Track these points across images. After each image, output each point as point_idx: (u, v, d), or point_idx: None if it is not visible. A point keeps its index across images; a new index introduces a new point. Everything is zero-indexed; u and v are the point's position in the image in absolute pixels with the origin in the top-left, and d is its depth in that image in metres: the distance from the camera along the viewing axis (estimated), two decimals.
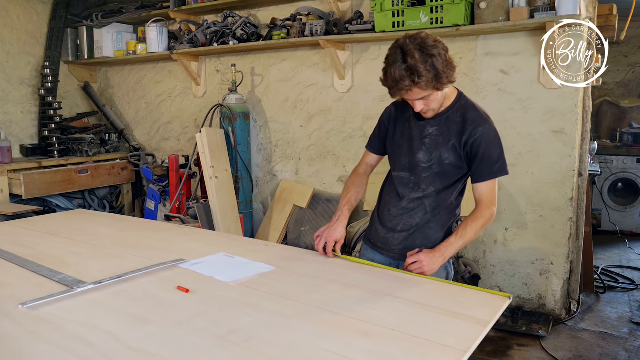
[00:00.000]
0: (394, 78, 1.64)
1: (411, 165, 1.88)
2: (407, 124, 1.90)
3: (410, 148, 1.88)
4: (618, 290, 3.89)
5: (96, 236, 2.20)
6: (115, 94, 5.28)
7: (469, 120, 1.80)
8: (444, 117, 1.83)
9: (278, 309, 1.40)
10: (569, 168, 3.18)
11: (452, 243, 1.79)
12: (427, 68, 1.62)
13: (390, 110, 1.98)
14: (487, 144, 1.78)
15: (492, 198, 1.81)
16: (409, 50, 1.63)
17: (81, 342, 1.21)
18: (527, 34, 3.19)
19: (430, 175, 1.85)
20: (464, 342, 1.21)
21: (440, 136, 1.82)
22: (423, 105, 1.74)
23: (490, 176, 1.80)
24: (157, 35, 4.44)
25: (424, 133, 1.84)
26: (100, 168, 4.62)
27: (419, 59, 1.61)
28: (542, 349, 2.95)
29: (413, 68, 1.61)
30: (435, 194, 1.88)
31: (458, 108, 1.83)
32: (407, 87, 1.64)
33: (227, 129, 4.04)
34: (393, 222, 1.95)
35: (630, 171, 5.48)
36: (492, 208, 1.82)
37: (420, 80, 1.62)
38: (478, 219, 1.80)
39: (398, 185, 1.94)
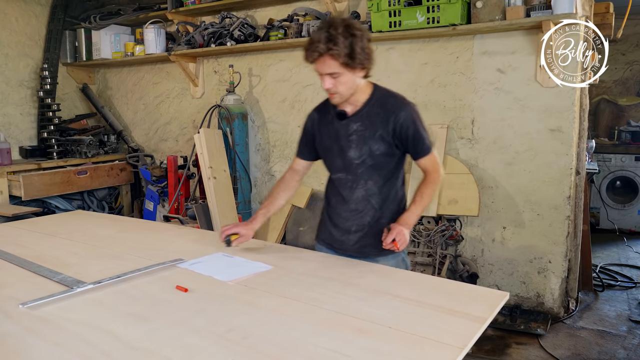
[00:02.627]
0: (313, 40, 1.70)
1: (345, 164, 1.92)
2: (330, 126, 1.93)
3: (340, 148, 1.91)
4: (616, 288, 3.90)
5: (95, 237, 2.21)
6: (113, 96, 5.29)
7: (390, 108, 1.85)
8: (365, 112, 1.87)
9: (276, 307, 1.41)
10: (566, 166, 3.19)
11: (413, 212, 1.87)
12: (345, 43, 1.68)
13: (313, 116, 2.01)
14: (414, 124, 1.86)
15: (436, 165, 1.92)
16: (335, 24, 1.71)
17: (81, 341, 1.22)
18: (524, 32, 3.20)
19: (365, 169, 1.90)
20: (460, 339, 1.22)
21: (365, 130, 1.86)
22: (331, 84, 1.76)
23: (428, 150, 1.90)
24: (154, 36, 4.45)
25: (349, 131, 1.88)
26: (99, 169, 4.63)
27: (340, 33, 1.68)
28: (541, 347, 2.96)
29: (332, 37, 1.67)
30: (378, 190, 1.92)
31: (376, 100, 1.88)
32: (321, 50, 1.68)
33: (225, 129, 4.05)
34: (346, 224, 1.97)
35: (629, 169, 5.49)
36: (439, 171, 1.92)
37: (335, 48, 1.67)
38: (429, 184, 1.91)
39: (339, 188, 1.97)
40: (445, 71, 3.49)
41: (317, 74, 1.80)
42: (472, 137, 3.44)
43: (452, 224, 3.43)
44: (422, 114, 3.67)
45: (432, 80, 3.54)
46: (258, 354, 1.15)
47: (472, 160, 3.45)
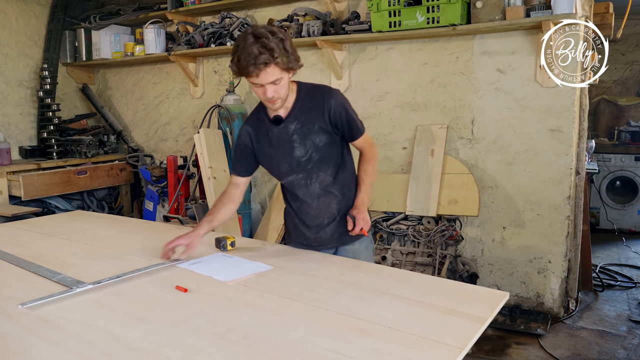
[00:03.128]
0: (252, 54, 1.67)
1: (292, 165, 1.94)
2: (269, 134, 1.95)
3: (284, 151, 1.93)
4: (616, 288, 3.90)
5: (95, 237, 2.21)
6: (113, 96, 5.29)
7: (320, 99, 1.90)
8: (297, 109, 1.91)
9: (276, 308, 1.41)
10: (566, 166, 3.19)
11: (364, 191, 1.95)
12: (281, 48, 1.71)
13: (248, 131, 2.00)
14: (346, 110, 1.93)
15: (370, 141, 2.04)
16: (260, 34, 1.70)
17: (81, 341, 1.22)
18: (524, 32, 3.20)
19: (314, 164, 1.94)
20: (460, 340, 1.22)
21: (303, 126, 1.90)
22: (274, 91, 1.77)
23: (362, 131, 1.99)
24: (154, 36, 4.45)
25: (289, 132, 1.91)
26: (99, 169, 4.62)
27: (272, 40, 1.69)
28: (541, 348, 2.96)
29: (269, 47, 1.68)
30: (332, 179, 1.96)
31: (304, 96, 1.92)
32: (264, 62, 1.68)
33: (225, 129, 4.04)
34: (317, 221, 2.01)
35: (628, 169, 5.49)
36: (374, 146, 2.05)
37: (277, 58, 1.70)
38: (370, 160, 2.01)
39: (295, 190, 2.00)
40: (445, 71, 3.48)
41: (253, 86, 1.79)
42: (472, 137, 3.44)
43: (452, 224, 3.43)
44: (422, 114, 3.70)
45: (432, 81, 3.54)
46: (258, 354, 1.15)
47: (472, 160, 3.45)
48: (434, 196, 3.42)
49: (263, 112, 1.96)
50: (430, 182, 3.46)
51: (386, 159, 3.73)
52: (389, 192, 3.65)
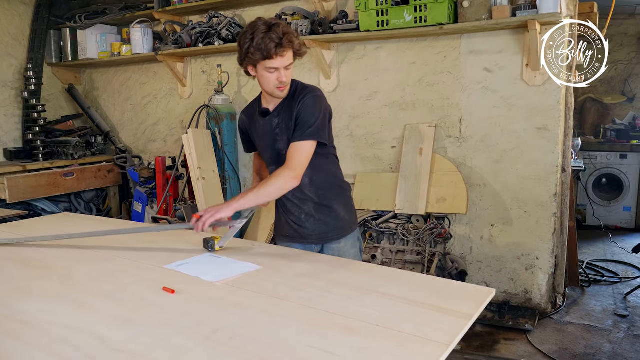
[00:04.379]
0: (276, 36, 1.76)
1: (273, 157, 2.02)
2: (257, 124, 2.04)
3: (267, 142, 2.02)
4: (603, 283, 3.95)
5: (81, 239, 2.19)
6: (100, 96, 5.24)
7: (297, 97, 1.93)
8: (283, 106, 1.97)
9: (264, 307, 1.41)
10: (552, 164, 3.22)
11: (244, 195, 1.87)
12: (294, 34, 1.83)
13: (242, 119, 2.13)
14: (306, 109, 1.89)
15: (295, 161, 1.86)
16: (272, 22, 1.82)
17: (66, 345, 1.21)
18: (510, 32, 3.23)
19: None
20: (447, 336, 1.22)
21: (283, 122, 1.96)
22: (285, 76, 1.86)
23: (300, 138, 1.87)
24: (141, 36, 4.42)
25: (273, 125, 1.98)
26: (86, 171, 4.58)
27: (287, 27, 1.82)
28: (529, 343, 2.99)
29: (286, 31, 1.80)
30: (308, 179, 1.97)
31: (292, 94, 1.96)
32: (289, 41, 1.79)
33: (214, 129, 4.03)
34: (295, 215, 2.05)
35: (614, 167, 5.56)
36: (291, 171, 1.85)
37: (295, 41, 1.82)
38: (274, 177, 1.87)
39: None
40: (433, 70, 3.50)
41: (265, 72, 1.85)
42: (460, 135, 3.46)
43: (441, 222, 3.45)
44: (411, 113, 3.71)
45: (420, 80, 3.55)
46: (245, 354, 1.15)
47: (460, 158, 3.47)
48: (423, 195, 3.44)
49: (257, 104, 2.06)
50: (419, 181, 3.47)
51: (375, 158, 3.74)
52: (378, 191, 3.66)
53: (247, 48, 1.80)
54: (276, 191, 1.88)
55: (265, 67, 1.82)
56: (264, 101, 2.02)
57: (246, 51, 1.81)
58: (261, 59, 1.80)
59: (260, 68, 1.84)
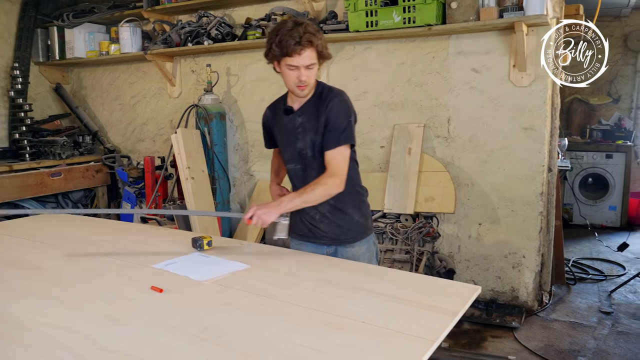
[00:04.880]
0: (297, 34, 1.80)
1: (293, 155, 2.04)
2: (281, 121, 2.07)
3: (289, 140, 2.04)
4: (588, 281, 4.00)
5: (69, 238, 2.19)
6: (88, 95, 5.21)
7: (324, 100, 1.96)
8: (308, 106, 1.99)
9: (252, 306, 1.42)
10: (538, 164, 3.26)
11: (291, 198, 1.90)
12: (320, 36, 1.88)
13: (267, 113, 2.16)
14: (336, 114, 1.92)
15: (337, 166, 1.91)
16: (301, 21, 1.87)
17: (56, 346, 1.21)
18: (497, 33, 3.26)
19: (310, 159, 2.00)
20: (433, 332, 1.24)
21: (307, 122, 1.98)
22: (305, 76, 1.88)
23: (337, 144, 1.92)
24: (130, 35, 4.40)
25: (296, 124, 2.00)
26: (74, 171, 4.55)
27: (312, 27, 1.86)
28: (515, 340, 3.03)
29: (311, 31, 1.84)
30: None
31: (318, 95, 1.99)
32: (308, 40, 1.81)
33: (203, 129, 4.03)
34: (311, 214, 2.06)
35: (600, 166, 5.63)
36: (336, 177, 1.90)
37: (318, 42, 1.85)
38: (318, 184, 1.89)
39: (293, 178, 2.10)
40: (422, 71, 3.53)
41: (286, 69, 1.88)
42: (448, 135, 3.49)
43: (429, 221, 3.48)
44: (400, 112, 3.74)
45: (409, 80, 3.58)
46: (233, 352, 1.16)
47: (448, 158, 3.50)
48: (412, 194, 3.46)
49: (282, 101, 2.09)
50: (407, 180, 3.50)
51: (364, 157, 3.76)
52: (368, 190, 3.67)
53: (271, 43, 1.87)
54: (321, 198, 1.92)
55: (286, 64, 1.87)
56: (289, 99, 2.06)
57: (269, 46, 1.88)
58: (281, 56, 1.86)
59: (282, 65, 1.88)
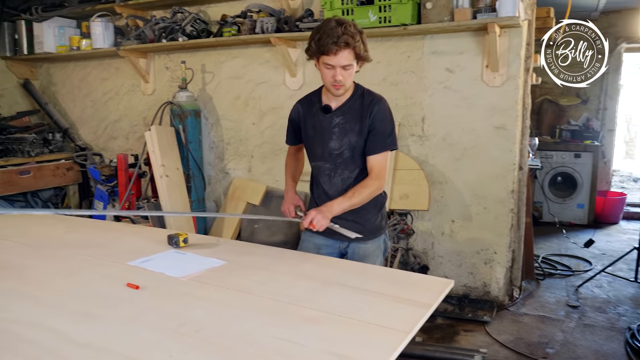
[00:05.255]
0: (336, 34, 1.83)
1: (324, 153, 2.07)
2: (315, 118, 2.09)
3: (322, 138, 2.06)
4: (556, 276, 4.12)
5: (41, 237, 2.14)
6: (58, 92, 5.09)
7: (366, 103, 2.01)
8: (347, 107, 2.03)
9: (229, 301, 1.42)
10: (510, 162, 3.34)
11: (340, 202, 1.94)
12: (359, 38, 1.88)
13: (298, 108, 2.17)
14: (382, 120, 1.99)
15: (381, 170, 2.00)
16: (344, 21, 1.88)
17: (28, 343, 1.19)
18: (471, 34, 3.33)
19: (343, 160, 2.05)
20: (407, 324, 1.27)
21: (346, 124, 2.01)
22: (342, 76, 1.91)
23: (382, 149, 2.00)
24: (102, 30, 4.32)
25: (332, 123, 2.03)
26: (44, 169, 4.44)
27: (354, 29, 1.88)
28: (487, 334, 3.10)
29: (351, 32, 1.86)
30: (354, 179, 2.06)
31: (357, 97, 2.04)
32: (345, 42, 1.84)
33: (178, 126, 3.99)
34: None
35: (569, 165, 5.79)
36: (381, 180, 2.00)
37: (356, 43, 1.86)
38: (365, 187, 1.98)
39: (319, 175, 2.12)
40: (397, 70, 3.57)
41: (323, 67, 1.92)
42: (422, 134, 3.54)
43: (404, 218, 3.52)
44: None
45: (384, 79, 3.61)
46: (212, 345, 1.17)
47: (422, 156, 3.55)
48: (386, 191, 3.50)
49: (317, 97, 2.10)
50: None
51: None
52: None
53: (311, 40, 1.90)
54: (367, 200, 1.99)
55: (323, 62, 1.90)
56: (325, 97, 2.07)
57: (310, 42, 1.91)
58: (318, 54, 1.89)
59: (320, 62, 1.92)
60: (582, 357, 2.81)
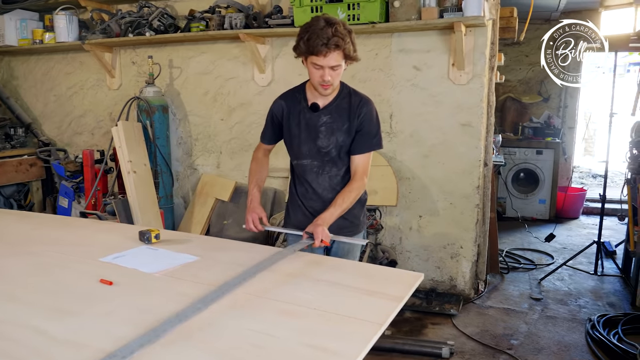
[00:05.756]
0: (326, 35, 1.81)
1: (312, 151, 2.08)
2: (300, 116, 2.08)
3: (309, 136, 2.07)
4: (520, 270, 4.26)
5: (7, 234, 2.10)
6: (20, 86, 4.94)
7: (354, 104, 2.04)
8: (334, 106, 2.04)
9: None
10: (475, 158, 3.44)
11: (332, 213, 1.97)
12: (349, 40, 1.88)
13: (281, 105, 2.12)
14: (369, 122, 2.04)
15: (365, 170, 2.06)
16: (333, 20, 1.86)
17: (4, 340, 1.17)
18: (438, 32, 3.40)
19: (330, 158, 2.07)
20: (380, 316, 1.31)
21: (334, 122, 2.03)
22: (330, 76, 1.91)
23: (368, 149, 2.06)
24: (66, 23, 4.21)
25: (320, 122, 2.04)
26: (6, 164, 4.31)
27: (344, 30, 1.86)
28: (453, 326, 3.19)
29: (341, 33, 1.84)
30: (341, 177, 2.10)
31: (344, 96, 2.06)
32: (335, 44, 1.83)
33: (145, 122, 3.94)
34: (316, 208, 2.10)
35: (531, 162, 5.97)
36: (364, 179, 2.07)
37: (345, 45, 1.85)
38: (352, 191, 2.02)
39: (304, 173, 2.13)
40: (365, 67, 3.62)
41: (311, 67, 1.91)
42: (390, 130, 3.61)
43: (372, 213, 3.58)
44: None
45: (353, 76, 3.65)
46: (190, 338, 1.18)
47: (390, 153, 3.62)
48: None
49: (301, 95, 2.08)
50: None
51: None
52: None
53: (300, 39, 1.88)
54: (355, 201, 2.04)
55: (312, 62, 1.89)
56: (310, 94, 2.06)
57: (298, 42, 1.89)
58: (307, 54, 1.88)
59: (308, 62, 1.91)
60: (545, 348, 2.92)
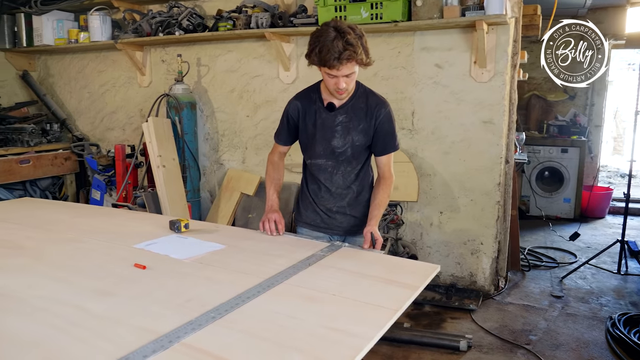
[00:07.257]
0: (337, 49, 1.79)
1: (327, 151, 2.10)
2: (316, 115, 2.09)
3: (324, 136, 2.08)
4: (541, 268, 4.26)
5: (49, 222, 2.24)
6: (56, 83, 5.15)
7: (372, 105, 2.06)
8: (350, 105, 2.06)
9: (231, 281, 1.53)
10: (497, 155, 3.47)
11: (377, 217, 2.06)
12: (360, 45, 1.85)
13: (297, 105, 2.12)
14: (389, 123, 2.08)
15: (390, 169, 2.15)
16: (343, 29, 1.82)
17: (49, 314, 1.30)
18: (460, 30, 3.44)
19: (345, 158, 2.10)
20: (396, 303, 1.39)
21: (350, 122, 2.05)
22: (345, 83, 1.92)
23: (392, 149, 2.12)
24: (100, 23, 4.39)
25: (336, 122, 2.06)
26: (43, 158, 4.52)
27: (354, 37, 1.83)
28: (472, 321, 3.23)
29: (352, 43, 1.81)
30: (355, 176, 2.14)
31: (360, 95, 2.07)
32: (348, 58, 1.81)
33: (174, 118, 4.08)
34: (327, 206, 2.17)
35: (556, 160, 5.92)
36: (391, 179, 2.15)
37: (357, 55, 1.83)
38: (386, 190, 2.12)
39: (318, 173, 2.15)
40: (388, 65, 3.68)
41: (325, 76, 1.91)
42: (412, 127, 3.66)
43: (394, 209, 3.65)
44: None
45: (375, 74, 3.72)
46: (219, 318, 1.27)
47: (412, 149, 3.67)
48: None
49: (317, 95, 2.09)
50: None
51: None
52: None
53: (311, 50, 1.86)
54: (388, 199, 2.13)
55: (325, 72, 1.89)
56: (325, 94, 2.05)
57: (310, 52, 1.87)
58: (320, 65, 1.87)
59: (322, 70, 1.90)
60: (564, 344, 2.93)
